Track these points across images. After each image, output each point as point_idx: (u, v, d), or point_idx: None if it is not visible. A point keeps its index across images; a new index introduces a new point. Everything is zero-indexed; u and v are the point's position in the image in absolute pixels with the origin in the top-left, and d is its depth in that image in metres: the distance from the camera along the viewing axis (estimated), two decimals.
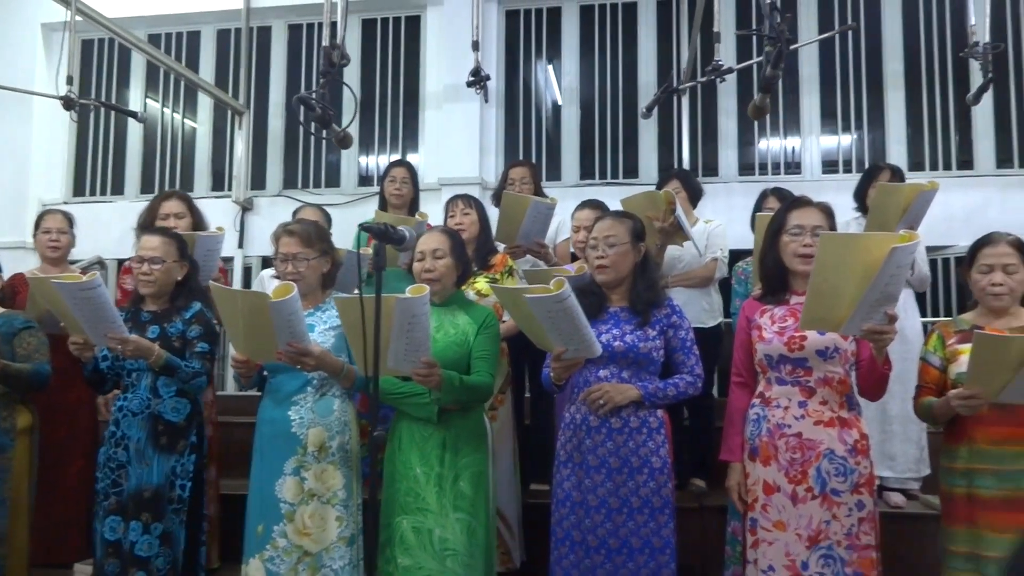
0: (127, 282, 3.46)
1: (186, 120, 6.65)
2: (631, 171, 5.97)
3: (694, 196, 3.88)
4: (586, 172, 6.04)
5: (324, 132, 3.03)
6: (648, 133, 5.95)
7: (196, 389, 2.83)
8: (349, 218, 5.17)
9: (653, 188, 3.60)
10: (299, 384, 2.62)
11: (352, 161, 6.32)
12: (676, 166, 5.73)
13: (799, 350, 2.32)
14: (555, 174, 6.05)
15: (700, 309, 3.71)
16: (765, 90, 2.77)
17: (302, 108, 2.83)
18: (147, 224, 3.37)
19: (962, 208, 5.31)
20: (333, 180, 6.34)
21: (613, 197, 3.72)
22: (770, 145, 5.95)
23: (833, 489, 2.26)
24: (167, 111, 6.66)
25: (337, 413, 2.62)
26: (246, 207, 6.21)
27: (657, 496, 2.45)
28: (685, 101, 5.82)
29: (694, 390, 2.55)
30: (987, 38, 3.98)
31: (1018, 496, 2.28)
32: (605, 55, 6.09)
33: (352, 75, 6.27)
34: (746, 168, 5.91)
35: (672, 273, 3.67)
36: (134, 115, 4.89)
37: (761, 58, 2.96)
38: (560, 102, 6.20)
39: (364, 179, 6.34)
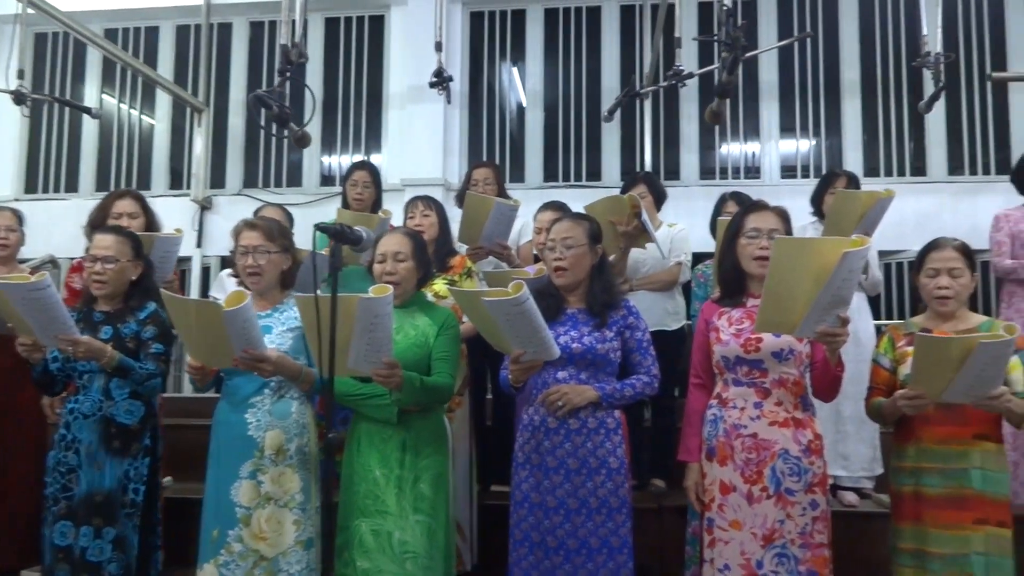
0: (75, 281, 3.37)
1: (144, 117, 6.54)
2: (594, 174, 6.01)
3: (659, 200, 3.92)
4: (549, 174, 6.07)
5: (282, 131, 2.99)
6: (611, 137, 6.00)
7: (150, 391, 2.77)
8: (311, 218, 5.05)
9: (616, 191, 3.63)
10: (256, 386, 2.58)
11: (314, 160, 6.27)
12: (639, 170, 5.80)
13: (755, 352, 2.36)
14: (519, 176, 6.06)
15: (663, 312, 3.74)
16: (722, 95, 2.81)
17: (260, 106, 2.79)
18: (99, 223, 3.29)
19: (915, 213, 5.45)
20: (295, 180, 6.28)
21: (576, 199, 3.74)
22: (730, 150, 6.04)
23: (787, 488, 2.30)
24: (124, 107, 6.54)
25: (295, 415, 2.58)
26: (205, 206, 6.12)
27: (615, 496, 2.46)
28: (648, 105, 5.89)
29: (651, 390, 2.57)
30: (939, 48, 4.08)
31: (961, 494, 2.35)
32: (569, 58, 6.13)
33: (314, 74, 6.23)
34: (707, 172, 6.00)
35: (636, 276, 3.70)
36: (88, 111, 4.77)
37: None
38: (524, 104, 6.22)
39: (326, 179, 6.30)
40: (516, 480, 2.56)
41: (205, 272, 6.13)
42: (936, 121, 5.70)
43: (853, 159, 5.79)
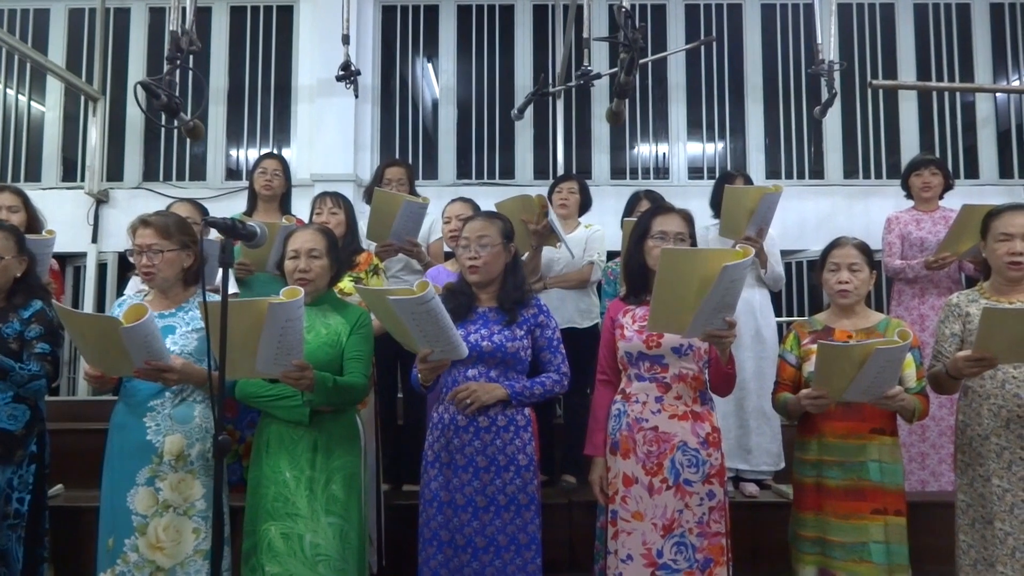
0: None
1: (33, 103, 6.17)
2: (507, 172, 6.03)
3: (585, 204, 3.97)
4: (463, 172, 6.05)
5: (172, 121, 2.86)
6: (524, 135, 6.03)
7: (34, 393, 2.63)
8: (215, 214, 4.93)
9: (529, 190, 3.66)
10: (156, 389, 2.47)
11: (219, 153, 6.05)
12: (552, 168, 5.86)
13: (656, 347, 2.43)
14: (431, 173, 6.03)
15: (575, 310, 3.79)
16: (620, 96, 2.86)
17: (148, 95, 2.66)
18: None
19: (814, 215, 5.70)
20: (198, 173, 6.05)
21: (489, 197, 3.74)
22: (640, 150, 6.16)
23: (686, 480, 2.37)
24: (11, 93, 6.16)
25: (198, 419, 2.49)
26: (101, 199, 5.83)
27: (523, 493, 2.48)
28: (560, 105, 5.95)
29: (560, 388, 2.59)
30: (832, 56, 4.27)
31: (859, 486, 2.47)
32: (483, 56, 6.13)
33: (219, 64, 6.02)
34: (618, 172, 6.10)
35: (550, 275, 3.74)
36: None
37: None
38: (437, 100, 6.19)
39: (232, 173, 6.09)
40: (425, 479, 2.55)
41: (101, 269, 5.84)
42: (833, 127, 5.98)
43: (756, 161, 6.00)
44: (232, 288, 3.20)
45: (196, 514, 2.43)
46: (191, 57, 5.53)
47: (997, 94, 6.07)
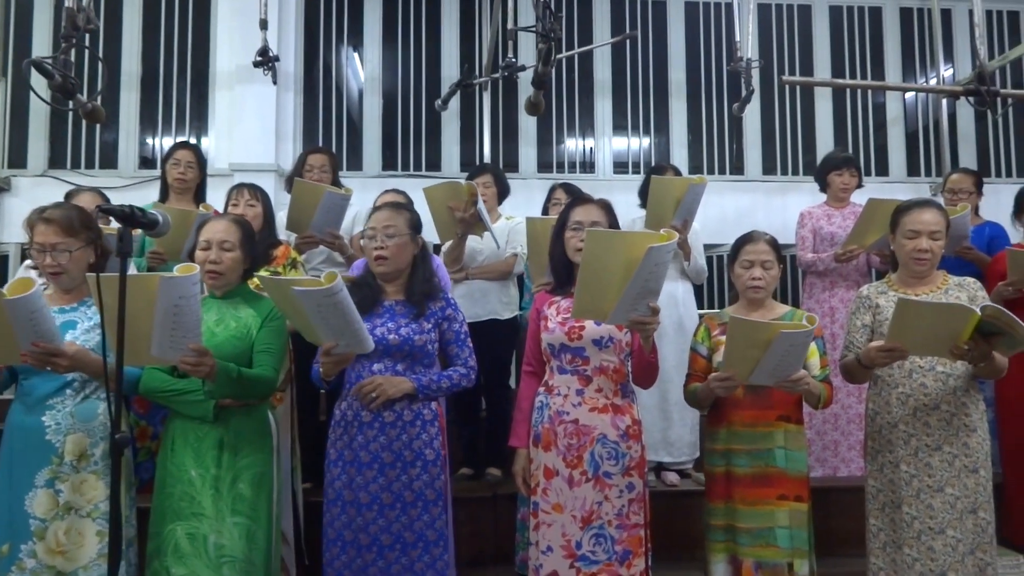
0: None
1: None
2: (433, 164, 5.96)
3: (502, 194, 3.96)
4: (388, 163, 5.96)
5: (67, 103, 2.70)
6: (451, 127, 5.98)
7: None
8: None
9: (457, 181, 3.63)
10: (56, 386, 2.35)
11: (132, 140, 5.78)
12: (479, 161, 5.82)
13: (578, 340, 2.44)
14: (356, 164, 5.91)
15: (497, 302, 3.79)
16: (538, 86, 2.87)
17: (42, 75, 2.51)
18: None
19: (734, 210, 5.83)
20: (109, 161, 5.77)
21: (415, 189, 3.69)
22: (567, 144, 6.19)
23: (605, 472, 2.39)
24: None
25: (102, 417, 2.37)
26: (2, 187, 5.51)
27: (430, 489, 2.46)
28: (487, 97, 5.91)
29: (467, 382, 2.59)
30: (750, 54, 4.37)
31: (766, 473, 2.53)
32: (409, 45, 6.03)
33: (132, 47, 5.76)
34: (544, 166, 6.11)
35: (472, 265, 3.72)
36: None
37: (558, 57, 3.06)
38: (363, 89, 6.07)
39: (147, 161, 5.84)
40: (328, 478, 2.51)
41: (2, 261, 5.52)
42: (752, 124, 6.13)
43: (679, 157, 6.10)
44: None
45: (100, 516, 2.32)
46: (100, 38, 5.31)
47: (906, 96, 6.33)
